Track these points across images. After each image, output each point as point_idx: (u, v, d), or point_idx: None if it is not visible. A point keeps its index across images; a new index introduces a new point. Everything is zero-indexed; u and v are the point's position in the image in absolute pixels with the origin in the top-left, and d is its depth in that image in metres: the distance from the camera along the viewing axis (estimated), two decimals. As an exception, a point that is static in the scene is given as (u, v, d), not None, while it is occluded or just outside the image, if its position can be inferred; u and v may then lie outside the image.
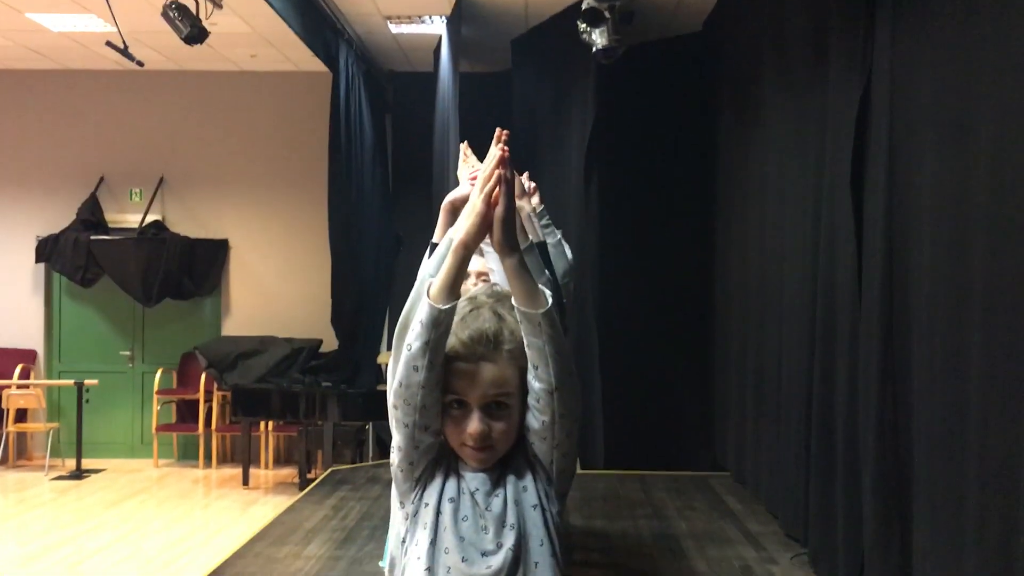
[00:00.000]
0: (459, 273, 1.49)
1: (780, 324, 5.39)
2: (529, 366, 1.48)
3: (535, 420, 1.50)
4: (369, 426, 8.35)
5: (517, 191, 2.15)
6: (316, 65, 7.88)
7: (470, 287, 2.40)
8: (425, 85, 8.18)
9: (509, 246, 1.50)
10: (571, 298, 3.66)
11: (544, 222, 3.19)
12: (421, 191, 8.19)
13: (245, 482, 7.99)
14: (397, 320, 1.70)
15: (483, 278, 2.55)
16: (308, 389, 7.85)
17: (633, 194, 7.60)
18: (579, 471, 7.14)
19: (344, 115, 7.85)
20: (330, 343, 8.66)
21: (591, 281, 7.27)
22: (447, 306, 1.46)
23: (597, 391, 7.03)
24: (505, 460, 1.54)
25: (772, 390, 5.57)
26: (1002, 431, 2.96)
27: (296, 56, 8.26)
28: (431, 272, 1.64)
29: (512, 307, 1.49)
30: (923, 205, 3.58)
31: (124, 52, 5.82)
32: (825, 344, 4.51)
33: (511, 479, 1.53)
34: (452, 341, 1.50)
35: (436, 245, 1.93)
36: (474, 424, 1.49)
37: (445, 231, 1.83)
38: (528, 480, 1.53)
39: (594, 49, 6.12)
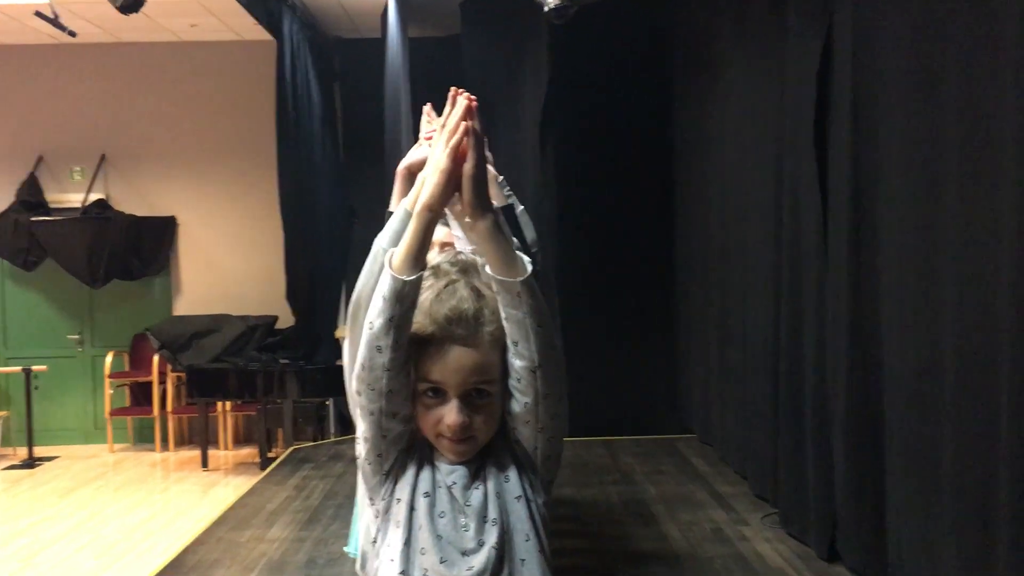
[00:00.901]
0: (424, 240, 1.33)
1: (744, 282, 5.35)
2: (508, 342, 1.33)
3: (516, 403, 1.35)
4: (330, 402, 8.21)
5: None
6: (259, 34, 7.64)
7: (432, 258, 2.27)
8: (374, 52, 7.96)
9: (481, 207, 1.33)
10: (536, 265, 3.56)
11: (507, 192, 3.06)
12: (373, 161, 8.01)
13: (204, 464, 7.82)
14: (352, 292, 1.54)
15: (447, 248, 2.42)
16: (266, 367, 7.68)
17: (590, 156, 7.49)
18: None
19: (291, 85, 7.63)
20: (286, 319, 8.48)
21: (550, 246, 7.17)
22: (412, 277, 1.29)
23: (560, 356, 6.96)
24: (484, 449, 1.39)
25: (737, 348, 5.53)
26: (978, 384, 2.92)
27: (238, 25, 8.00)
28: (385, 244, 1.48)
29: (487, 281, 1.35)
30: (891, 155, 3.51)
31: (55, 22, 5.56)
32: (791, 299, 4.46)
33: (492, 470, 1.37)
34: (425, 322, 1.33)
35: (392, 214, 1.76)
36: (452, 415, 1.32)
37: (401, 199, 1.62)
38: (511, 470, 1.38)
39: (545, 9, 5.98)
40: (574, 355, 7.12)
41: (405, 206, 1.49)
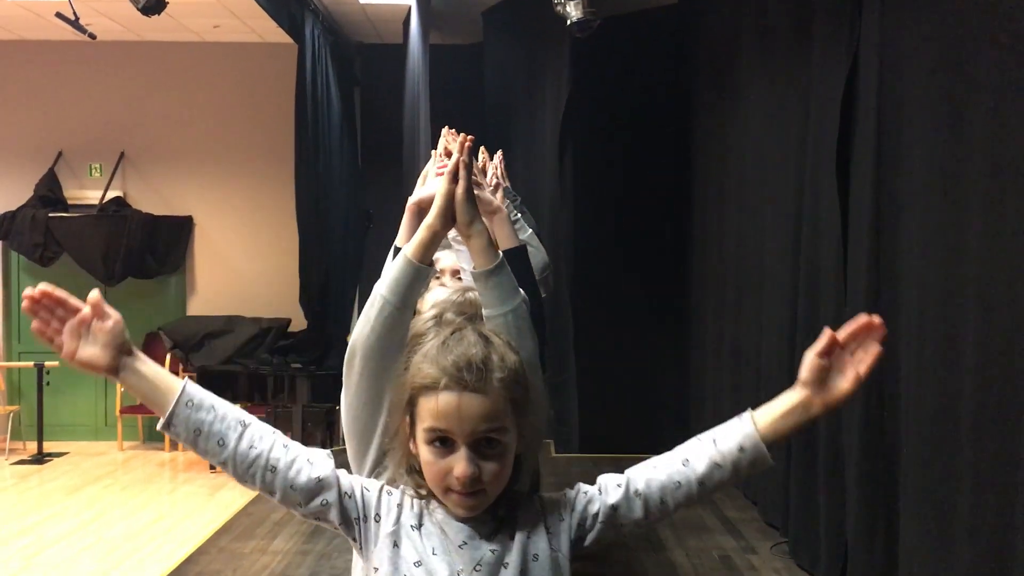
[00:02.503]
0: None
1: (760, 307, 5.28)
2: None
3: None
4: (339, 407, 8.17)
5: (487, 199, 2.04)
6: (281, 36, 7.63)
7: (441, 285, 2.24)
8: (395, 57, 7.95)
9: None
10: (551, 291, 3.51)
11: (514, 216, 3.02)
12: (392, 166, 7.98)
13: (212, 466, 7.79)
14: (367, 298, 1.55)
15: (456, 276, 2.39)
16: (277, 370, 7.66)
17: (608, 170, 7.44)
18: (553, 455, 7.04)
19: (311, 88, 7.61)
20: (299, 322, 8.46)
21: (565, 259, 7.12)
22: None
23: (572, 372, 6.90)
24: (507, 516, 1.34)
25: (751, 373, 5.46)
26: (998, 426, 2.86)
27: (260, 27, 7.99)
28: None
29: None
30: (914, 186, 3.45)
31: (75, 24, 5.56)
32: (807, 329, 4.39)
33: (517, 540, 1.32)
34: (432, 370, 1.30)
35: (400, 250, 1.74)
36: (462, 465, 1.27)
37: (410, 235, 1.65)
38: (540, 538, 1.33)
39: (569, 22, 5.93)
40: (586, 371, 7.08)
41: (406, 253, 1.51)
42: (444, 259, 2.44)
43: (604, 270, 7.34)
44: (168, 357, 8.38)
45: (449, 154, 2.44)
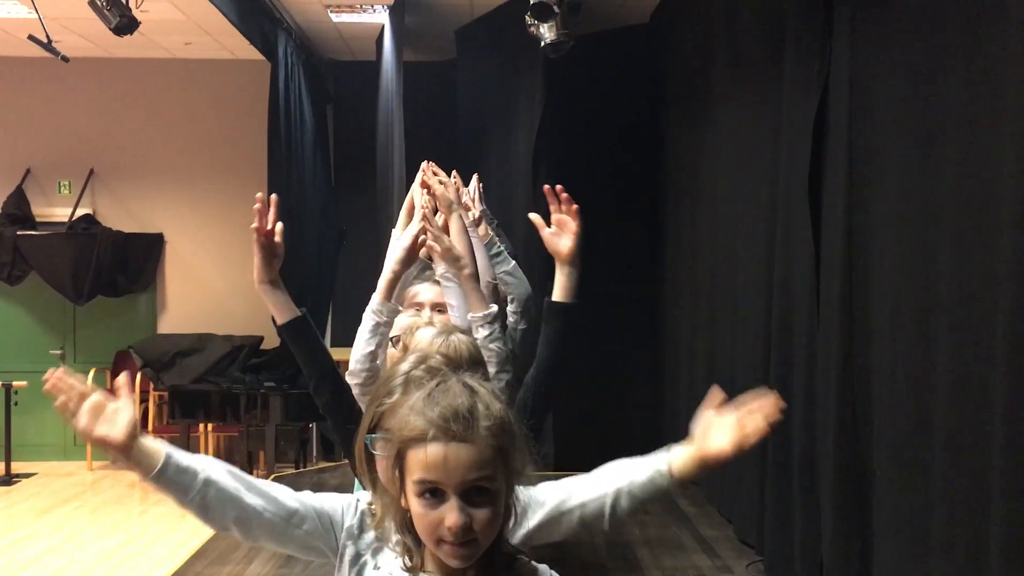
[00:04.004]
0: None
1: (733, 325, 5.32)
2: None
3: None
4: (313, 426, 8.13)
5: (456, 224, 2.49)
6: (254, 53, 7.60)
7: (425, 319, 2.25)
8: (368, 75, 7.94)
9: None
10: (532, 321, 3.52)
11: (496, 249, 3.02)
12: (365, 183, 7.96)
13: (184, 486, 7.72)
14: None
15: (438, 308, 2.40)
16: (249, 388, 7.60)
17: (581, 187, 7.35)
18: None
19: (283, 106, 7.59)
20: (271, 340, 8.41)
21: (539, 277, 7.11)
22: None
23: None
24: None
25: (725, 388, 5.49)
26: (970, 445, 2.90)
27: (232, 44, 7.96)
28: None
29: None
30: (885, 211, 3.50)
31: (48, 47, 5.51)
32: (781, 349, 4.43)
33: None
34: (419, 422, 1.30)
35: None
36: (453, 515, 1.27)
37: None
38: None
39: (542, 43, 5.96)
40: (563, 389, 7.07)
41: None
42: (424, 292, 2.45)
43: (577, 287, 7.34)
44: (139, 376, 8.29)
45: (427, 186, 2.50)
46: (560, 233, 2.18)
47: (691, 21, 6.40)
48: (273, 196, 2.00)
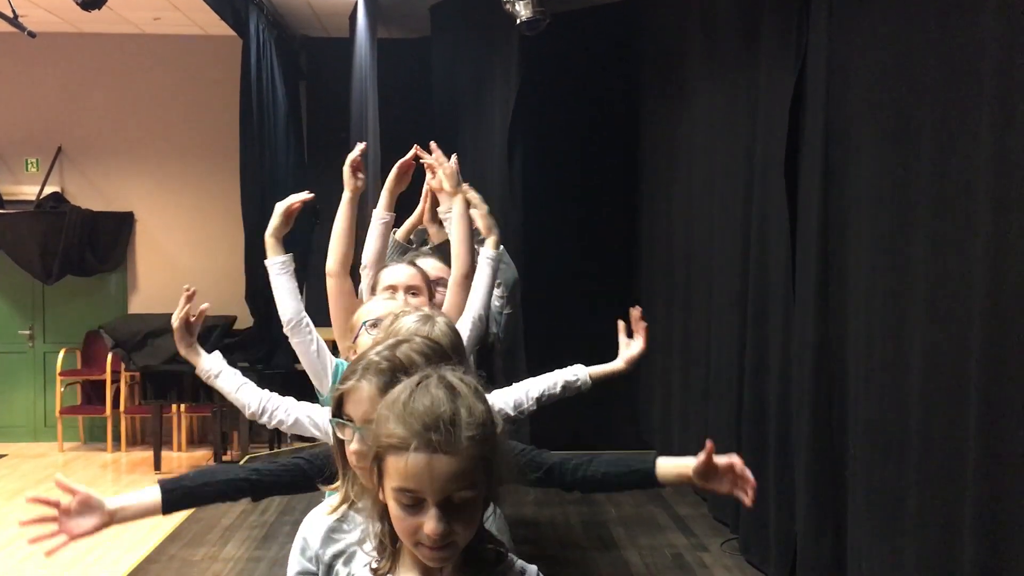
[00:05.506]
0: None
1: (709, 306, 5.34)
2: None
3: None
4: (287, 406, 8.08)
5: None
6: (224, 29, 7.49)
7: (399, 302, 2.22)
8: (341, 51, 7.85)
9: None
10: (517, 305, 3.52)
11: (480, 237, 3.01)
12: (339, 161, 7.71)
13: (157, 466, 7.68)
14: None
15: (412, 291, 2.39)
16: (222, 369, 7.53)
17: (557, 167, 7.44)
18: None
19: (255, 83, 7.48)
20: (244, 320, 8.35)
21: (514, 257, 7.11)
22: None
23: (522, 369, 6.90)
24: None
25: (700, 370, 5.52)
26: (943, 427, 2.92)
27: (203, 20, 7.84)
28: None
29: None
30: (861, 193, 3.51)
31: (13, 22, 5.39)
32: (757, 330, 4.45)
33: None
34: (399, 429, 1.27)
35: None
36: (432, 523, 1.25)
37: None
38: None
39: (518, 21, 5.92)
40: (535, 368, 7.07)
41: None
42: (399, 274, 2.42)
43: (553, 266, 7.34)
44: (110, 356, 8.21)
45: (432, 169, 2.82)
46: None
47: (667, 0, 6.37)
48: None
